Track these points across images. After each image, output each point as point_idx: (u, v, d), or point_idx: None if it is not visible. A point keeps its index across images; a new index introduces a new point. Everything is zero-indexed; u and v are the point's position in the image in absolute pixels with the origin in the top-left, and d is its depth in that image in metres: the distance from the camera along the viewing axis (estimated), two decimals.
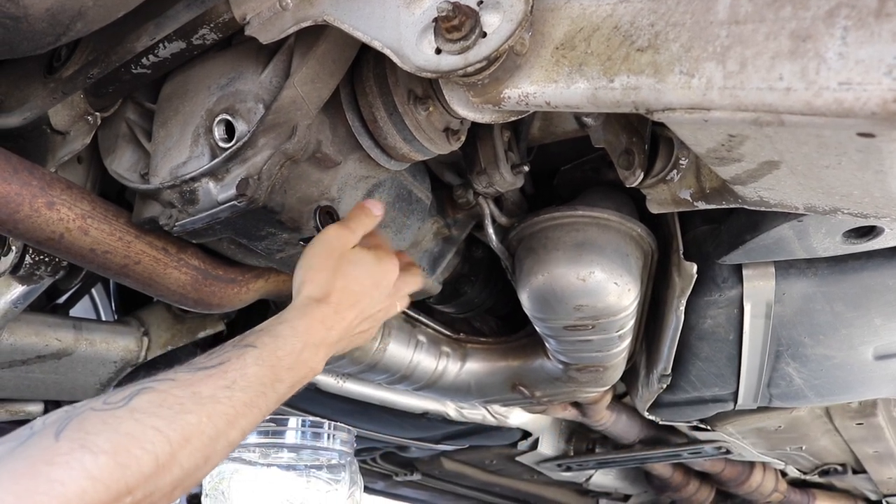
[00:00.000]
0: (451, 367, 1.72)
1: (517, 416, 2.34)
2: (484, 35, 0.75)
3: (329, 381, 1.95)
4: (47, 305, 1.65)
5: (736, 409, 1.85)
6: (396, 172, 1.19)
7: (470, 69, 0.76)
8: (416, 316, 1.65)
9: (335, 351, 0.92)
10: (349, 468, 1.01)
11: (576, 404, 2.14)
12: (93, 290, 1.72)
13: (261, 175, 0.95)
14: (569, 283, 1.31)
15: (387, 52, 0.83)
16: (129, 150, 1.14)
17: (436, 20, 0.78)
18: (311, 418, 1.01)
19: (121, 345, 1.55)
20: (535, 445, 2.59)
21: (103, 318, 1.93)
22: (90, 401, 0.70)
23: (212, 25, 0.95)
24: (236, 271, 1.24)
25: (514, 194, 1.49)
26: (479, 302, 1.68)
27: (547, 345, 1.61)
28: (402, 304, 1.08)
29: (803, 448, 2.41)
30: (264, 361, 0.79)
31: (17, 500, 0.57)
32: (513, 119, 0.89)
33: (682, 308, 1.47)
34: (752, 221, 1.23)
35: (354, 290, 0.93)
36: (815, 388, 1.70)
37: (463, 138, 1.11)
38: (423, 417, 2.22)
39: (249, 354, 0.78)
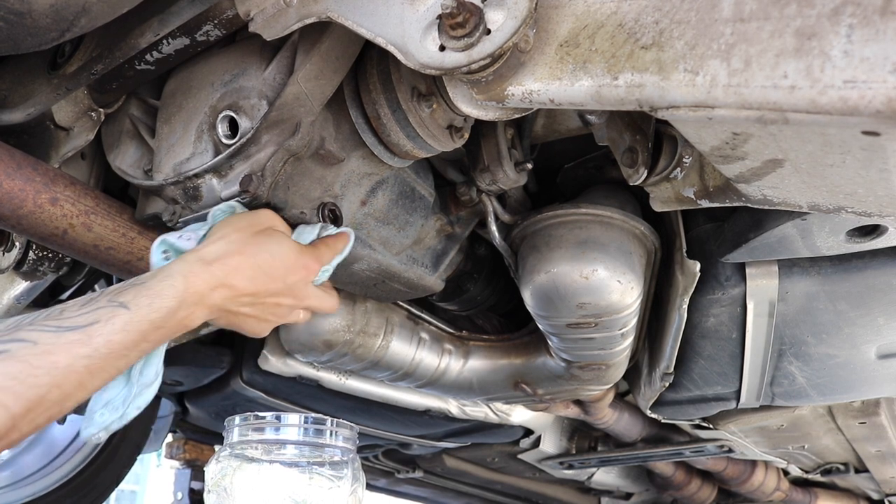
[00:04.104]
0: (454, 364, 1.72)
1: (519, 414, 2.34)
2: (488, 32, 0.75)
3: (331, 378, 1.95)
4: (50, 302, 1.65)
5: (738, 407, 1.84)
6: (399, 169, 1.19)
7: (474, 66, 0.76)
8: (419, 313, 1.65)
9: (214, 317, 0.87)
10: (351, 465, 1.01)
11: (578, 402, 2.14)
12: (96, 287, 1.72)
13: (264, 171, 0.95)
14: (572, 280, 1.31)
15: (390, 48, 0.83)
16: (133, 147, 1.14)
17: (440, 17, 0.78)
18: (314, 415, 1.01)
19: None
20: (537, 443, 2.59)
21: None
22: None
23: (215, 22, 0.95)
24: None
25: (517, 192, 1.49)
26: (481, 299, 1.68)
27: (549, 342, 1.61)
28: (301, 316, 1.01)
29: (805, 447, 2.40)
30: (134, 327, 0.76)
31: None
32: (516, 116, 0.89)
33: (685, 306, 1.47)
34: (756, 220, 1.23)
35: (251, 265, 0.87)
36: (817, 387, 1.69)
37: (466, 135, 1.11)
38: (426, 415, 2.22)
39: (120, 317, 0.75)
